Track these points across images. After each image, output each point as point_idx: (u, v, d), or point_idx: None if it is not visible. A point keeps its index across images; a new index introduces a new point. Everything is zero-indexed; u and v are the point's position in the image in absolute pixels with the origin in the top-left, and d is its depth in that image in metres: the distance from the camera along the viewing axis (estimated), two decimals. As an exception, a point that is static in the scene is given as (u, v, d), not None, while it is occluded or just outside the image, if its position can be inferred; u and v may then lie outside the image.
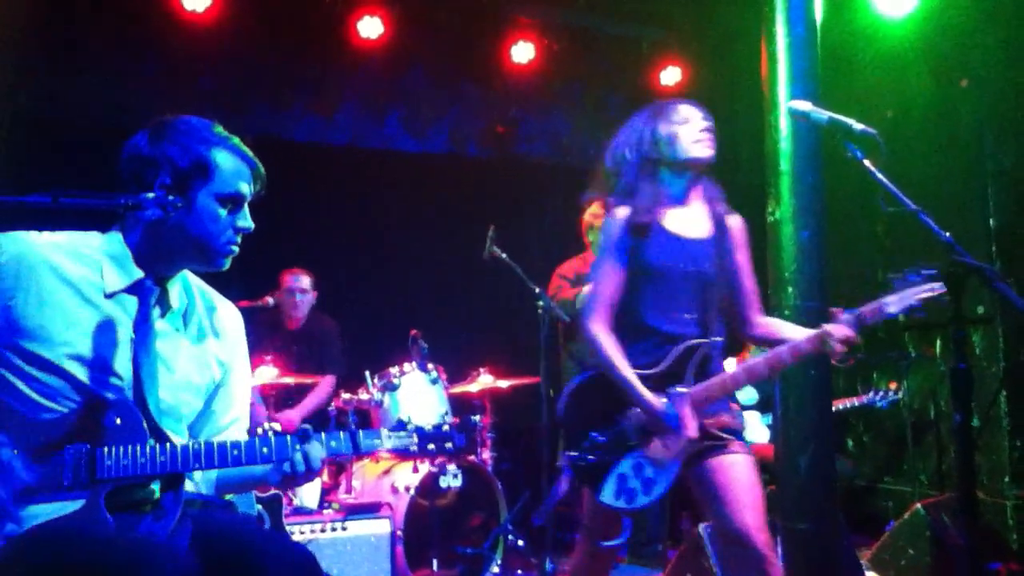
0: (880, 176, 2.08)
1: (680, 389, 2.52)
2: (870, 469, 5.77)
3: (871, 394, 5.08)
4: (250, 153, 1.97)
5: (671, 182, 2.62)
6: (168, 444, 1.81)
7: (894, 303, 2.36)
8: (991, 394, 4.67)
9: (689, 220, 2.64)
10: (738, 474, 2.51)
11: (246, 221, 1.97)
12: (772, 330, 2.68)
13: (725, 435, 2.53)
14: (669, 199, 2.62)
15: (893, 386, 5.07)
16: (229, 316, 2.12)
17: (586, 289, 4.93)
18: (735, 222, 2.70)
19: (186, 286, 2.04)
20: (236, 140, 1.96)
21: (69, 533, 1.67)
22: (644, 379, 2.52)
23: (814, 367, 3.37)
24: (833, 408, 4.96)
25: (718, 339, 2.63)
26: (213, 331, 2.05)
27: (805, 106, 2.33)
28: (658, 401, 2.50)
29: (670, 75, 6.11)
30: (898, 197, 2.01)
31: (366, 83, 5.75)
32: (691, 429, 2.46)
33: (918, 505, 4.34)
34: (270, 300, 4.64)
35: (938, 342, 5.26)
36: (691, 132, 2.57)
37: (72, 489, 1.72)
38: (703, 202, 2.67)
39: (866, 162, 2.10)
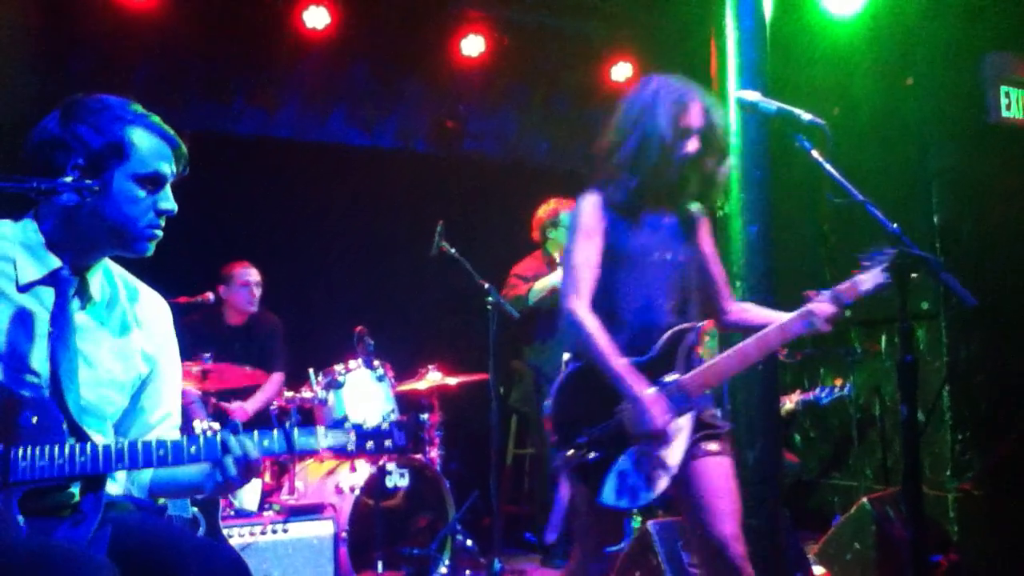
0: (828, 167, 2.07)
1: (670, 377, 2.41)
2: (816, 464, 5.82)
3: (817, 390, 5.13)
4: (170, 131, 1.86)
5: (663, 174, 2.48)
6: (88, 444, 1.71)
7: (867, 280, 2.35)
8: (935, 389, 4.73)
9: (660, 206, 2.56)
10: (722, 481, 2.46)
11: (168, 203, 1.86)
12: (748, 315, 2.64)
13: (719, 424, 2.47)
14: (651, 189, 2.50)
15: (839, 383, 5.12)
16: (155, 307, 2.00)
17: (539, 283, 4.89)
18: (697, 209, 2.64)
19: (108, 276, 1.93)
20: (155, 118, 1.85)
21: None
22: (634, 367, 2.39)
23: (761, 363, 3.36)
24: (780, 404, 5.01)
25: (700, 323, 2.56)
26: (137, 323, 1.94)
27: (753, 96, 2.30)
28: (645, 390, 2.36)
29: (621, 70, 6.08)
30: (846, 188, 1.99)
31: (311, 76, 5.62)
32: (660, 422, 2.33)
33: (864, 500, 4.38)
34: (211, 296, 4.50)
35: (883, 338, 5.32)
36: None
37: None
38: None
39: (814, 153, 2.08)
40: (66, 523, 1.68)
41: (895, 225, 1.92)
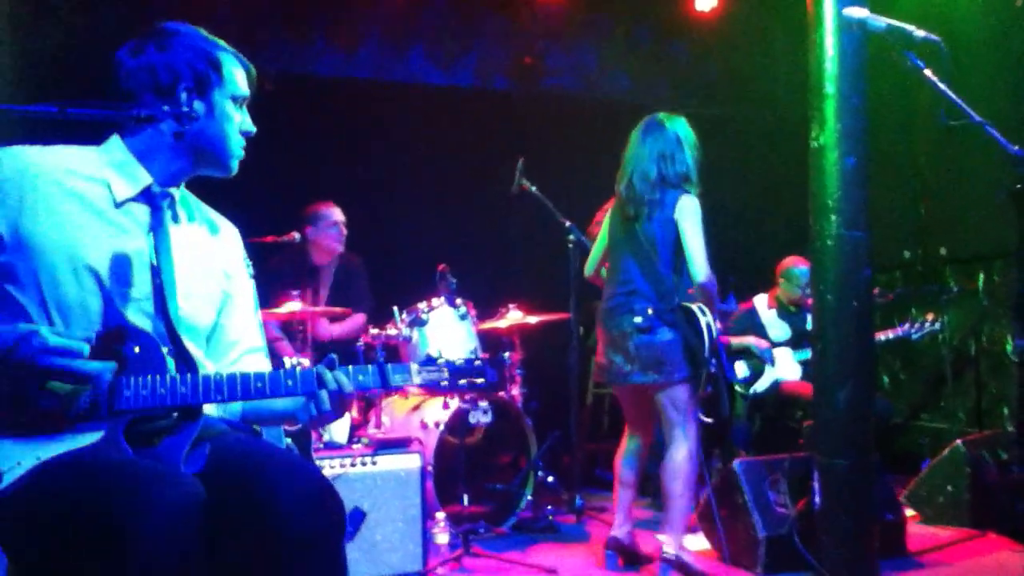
0: (943, 87, 1.94)
1: None
2: (906, 406, 5.66)
3: (907, 326, 4.94)
4: (242, 56, 1.96)
5: None
6: (189, 375, 1.74)
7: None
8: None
9: None
10: None
11: (250, 123, 1.95)
12: None
13: None
14: None
15: (931, 317, 4.90)
16: (225, 228, 2.06)
17: None
18: None
19: (183, 196, 1.97)
20: (223, 42, 1.94)
21: (91, 462, 1.60)
22: None
23: (856, 299, 3.25)
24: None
25: None
26: (214, 241, 2.00)
27: (861, 13, 2.17)
28: None
29: (705, 1, 5.86)
30: (963, 109, 1.87)
31: (389, 15, 5.58)
32: None
33: (958, 442, 4.25)
34: (296, 235, 4.55)
35: (980, 276, 5.09)
36: None
37: (90, 420, 1.66)
38: None
39: (927, 72, 1.95)
40: (161, 445, 1.72)
41: (1017, 147, 1.79)
